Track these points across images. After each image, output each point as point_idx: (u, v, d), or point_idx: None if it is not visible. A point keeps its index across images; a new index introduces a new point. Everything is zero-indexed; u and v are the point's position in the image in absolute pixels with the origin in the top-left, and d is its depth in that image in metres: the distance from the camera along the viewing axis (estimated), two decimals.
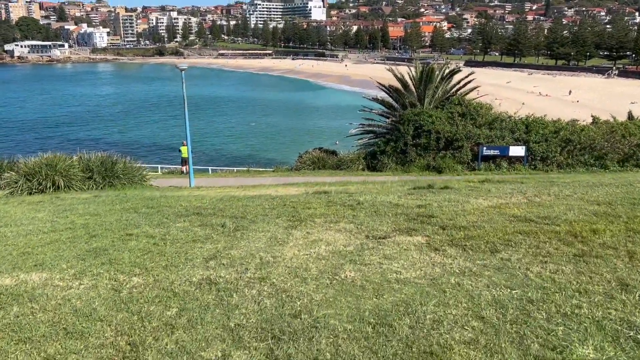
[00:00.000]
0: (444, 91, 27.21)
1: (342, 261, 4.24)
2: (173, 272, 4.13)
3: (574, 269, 3.94)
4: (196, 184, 22.33)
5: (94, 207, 8.04)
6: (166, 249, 4.82)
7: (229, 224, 5.67)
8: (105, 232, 5.66)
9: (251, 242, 4.92)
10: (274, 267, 4.17)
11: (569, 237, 4.65)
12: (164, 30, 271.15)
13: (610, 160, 22.16)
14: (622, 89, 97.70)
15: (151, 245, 4.98)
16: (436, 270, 3.99)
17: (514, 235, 4.77)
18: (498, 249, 4.44)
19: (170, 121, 71.98)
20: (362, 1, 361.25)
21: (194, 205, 7.40)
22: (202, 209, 6.88)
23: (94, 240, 5.25)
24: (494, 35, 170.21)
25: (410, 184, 11.20)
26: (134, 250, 4.83)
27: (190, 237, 5.21)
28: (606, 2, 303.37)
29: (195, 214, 6.45)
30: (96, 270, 4.25)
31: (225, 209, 6.73)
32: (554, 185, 8.43)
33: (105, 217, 6.75)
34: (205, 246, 4.88)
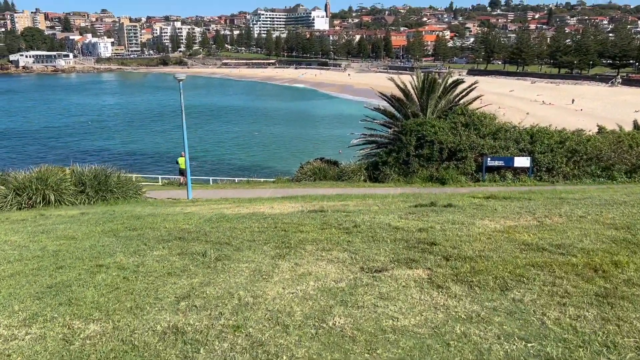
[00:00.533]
0: (447, 101, 26.80)
1: (332, 302, 3.71)
2: (137, 316, 3.62)
3: (597, 314, 3.41)
4: (194, 196, 21.90)
5: (75, 227, 7.59)
6: (136, 285, 4.32)
7: (210, 252, 5.16)
8: (75, 262, 5.17)
9: (231, 277, 4.41)
10: (252, 310, 3.64)
11: (588, 271, 4.13)
12: (167, 40, 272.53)
13: (618, 172, 21.66)
14: (626, 97, 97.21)
15: (121, 279, 4.48)
16: (439, 316, 3.46)
17: (526, 268, 4.24)
18: (509, 287, 3.91)
19: (173, 131, 71.81)
20: (364, 11, 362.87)
21: (179, 227, 6.92)
22: (186, 232, 6.39)
23: (60, 273, 4.76)
24: (497, 44, 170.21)
25: (412, 200, 10.71)
26: (100, 287, 4.32)
27: (165, 269, 4.70)
28: (608, 11, 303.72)
29: (177, 238, 5.96)
30: (50, 314, 3.73)
31: (212, 232, 6.24)
32: (565, 203, 7.92)
33: (82, 241, 6.28)
34: (179, 281, 4.36)
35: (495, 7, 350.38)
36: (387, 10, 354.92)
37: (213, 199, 20.04)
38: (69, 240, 6.32)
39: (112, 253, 5.33)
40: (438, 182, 22.17)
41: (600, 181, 21.23)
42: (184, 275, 4.47)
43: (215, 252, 5.10)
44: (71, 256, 5.38)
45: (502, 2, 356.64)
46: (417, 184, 22.25)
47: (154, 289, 4.16)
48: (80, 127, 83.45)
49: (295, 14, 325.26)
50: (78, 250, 5.67)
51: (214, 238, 5.75)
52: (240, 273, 4.45)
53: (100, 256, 5.27)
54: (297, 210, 9.07)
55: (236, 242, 5.50)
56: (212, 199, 20.11)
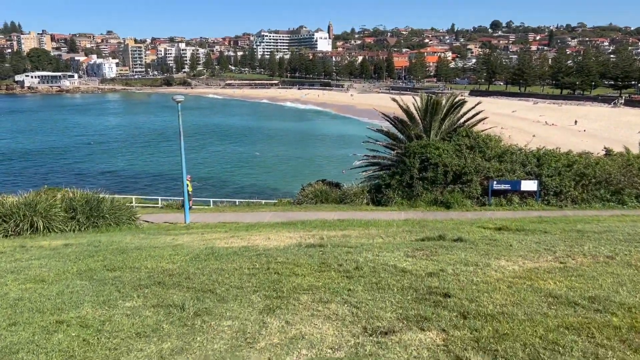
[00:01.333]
0: (450, 122, 26.27)
1: None
2: None
3: None
4: (192, 219, 21.26)
5: (51, 264, 6.95)
6: (95, 353, 3.65)
7: (189, 305, 4.47)
8: (34, 315, 4.49)
9: (210, 340, 3.71)
10: None
11: (634, 336, 3.47)
12: (172, 60, 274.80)
13: (628, 196, 21.01)
14: (629, 118, 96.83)
15: (80, 342, 3.79)
16: None
17: (560, 332, 3.55)
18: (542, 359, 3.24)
19: (176, 151, 71.44)
20: (367, 32, 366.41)
21: (161, 267, 6.26)
22: (168, 274, 5.74)
23: (11, 332, 4.08)
24: (499, 65, 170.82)
25: (417, 229, 10.06)
26: (52, 353, 3.65)
27: (134, 328, 4.02)
28: (609, 33, 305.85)
29: (157, 283, 5.29)
30: None
31: (196, 274, 5.58)
32: (585, 237, 7.26)
33: (51, 285, 5.63)
34: (148, 347, 3.67)
35: (497, 29, 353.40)
36: (389, 31, 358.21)
37: (210, 224, 19.38)
38: (36, 284, 5.66)
39: (79, 303, 4.68)
40: (443, 206, 21.53)
41: (610, 205, 20.58)
42: (155, 337, 3.79)
43: (196, 304, 4.43)
44: (32, 307, 4.72)
45: (503, 24, 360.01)
46: (421, 207, 21.60)
47: (114, 357, 3.50)
48: (82, 147, 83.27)
49: (298, 36, 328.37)
50: (42, 298, 5.01)
51: (197, 283, 5.09)
52: (220, 335, 3.77)
53: (65, 308, 4.60)
54: (294, 242, 8.41)
55: (221, 289, 4.84)
56: (209, 224, 19.45)
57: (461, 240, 7.48)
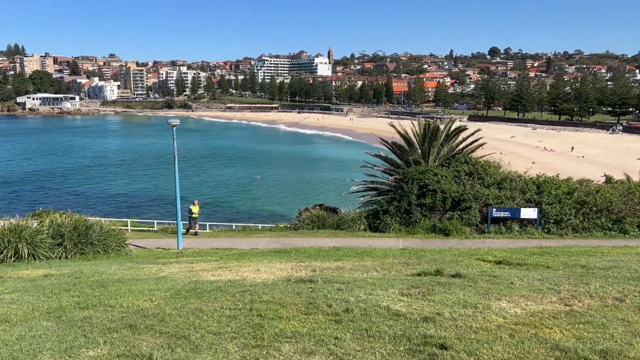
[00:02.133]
0: (449, 148, 26.04)
1: None
2: None
3: None
4: (185, 245, 20.85)
5: (23, 300, 6.53)
6: None
7: (158, 355, 4.03)
8: None
9: None
10: None
11: None
12: (173, 84, 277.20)
13: (630, 225, 20.65)
14: (627, 145, 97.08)
15: None
16: None
17: None
18: None
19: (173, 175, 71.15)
20: (366, 58, 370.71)
21: (137, 305, 5.84)
22: (143, 314, 5.31)
23: None
24: (497, 91, 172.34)
25: (415, 261, 9.66)
26: None
27: None
28: (606, 60, 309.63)
29: (128, 326, 4.86)
30: None
31: (173, 315, 5.16)
32: (590, 275, 6.87)
33: (12, 328, 5.18)
34: None
35: (495, 55, 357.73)
36: (388, 57, 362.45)
37: (202, 251, 18.95)
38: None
39: (38, 352, 4.22)
40: (441, 233, 21.14)
41: (611, 235, 20.23)
42: None
43: (165, 355, 4.01)
44: None
45: (501, 50, 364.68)
46: (419, 234, 21.21)
47: None
48: (82, 169, 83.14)
49: (298, 60, 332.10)
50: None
51: (172, 327, 4.67)
52: None
53: (20, 357, 4.17)
54: (284, 275, 8.01)
55: (197, 335, 4.42)
56: (201, 251, 19.02)
57: (460, 276, 7.08)
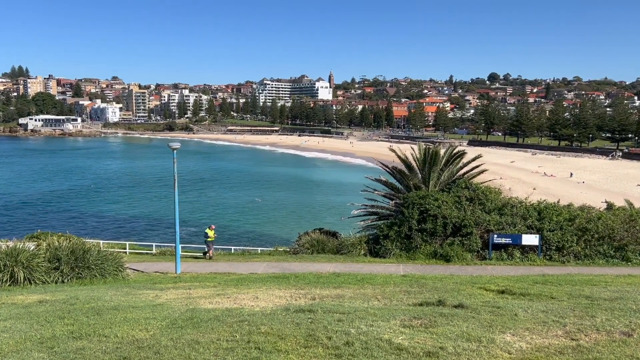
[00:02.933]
0: (449, 173, 26.03)
1: None
2: None
3: None
4: (184, 269, 20.65)
5: (15, 328, 6.37)
6: None
7: None
8: None
9: None
10: None
11: None
12: (175, 106, 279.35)
13: (632, 252, 20.49)
14: (627, 171, 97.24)
15: None
16: None
17: None
18: None
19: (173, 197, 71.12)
20: (367, 82, 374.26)
21: (132, 336, 5.69)
22: (137, 346, 5.17)
23: None
24: (497, 116, 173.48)
25: (416, 289, 9.52)
26: None
27: None
28: (604, 87, 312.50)
29: (122, 358, 4.74)
30: None
31: (168, 347, 5.02)
32: (595, 306, 6.74)
33: (4, 359, 5.06)
34: None
35: (494, 81, 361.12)
36: (388, 82, 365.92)
37: (201, 276, 18.75)
38: None
39: None
40: (442, 259, 20.97)
41: (614, 262, 20.06)
42: None
43: None
44: None
45: (500, 76, 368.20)
46: (420, 260, 21.03)
47: None
48: (83, 190, 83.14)
49: (300, 84, 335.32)
50: None
51: None
52: None
53: None
54: (283, 304, 7.86)
55: None
56: (199, 275, 18.83)
57: (462, 306, 6.95)
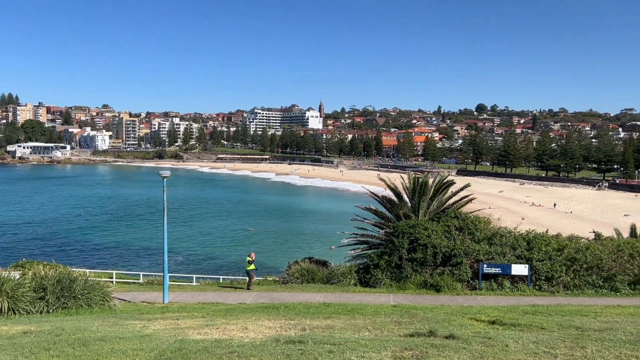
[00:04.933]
0: (439, 202, 26.14)
1: None
2: None
3: None
4: (172, 299, 20.34)
5: None
6: None
7: None
8: None
9: None
10: None
11: None
12: (165, 134, 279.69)
13: (621, 282, 20.58)
14: (614, 201, 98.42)
15: None
16: None
17: None
18: None
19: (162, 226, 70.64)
20: (356, 112, 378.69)
21: None
22: None
23: None
24: (484, 146, 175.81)
25: (407, 320, 9.47)
26: None
27: None
28: (589, 118, 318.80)
29: None
30: None
31: None
32: (585, 337, 6.76)
33: None
34: None
35: (482, 112, 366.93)
36: (378, 112, 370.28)
37: (189, 305, 18.48)
38: None
39: None
40: (432, 289, 20.90)
41: (603, 293, 20.11)
42: None
43: None
44: None
45: (488, 107, 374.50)
46: (410, 290, 20.94)
47: None
48: (71, 219, 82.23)
49: (290, 114, 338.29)
50: None
51: None
52: None
53: None
54: (273, 334, 7.78)
55: None
56: (187, 305, 18.55)
57: (453, 337, 6.92)
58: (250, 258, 23.22)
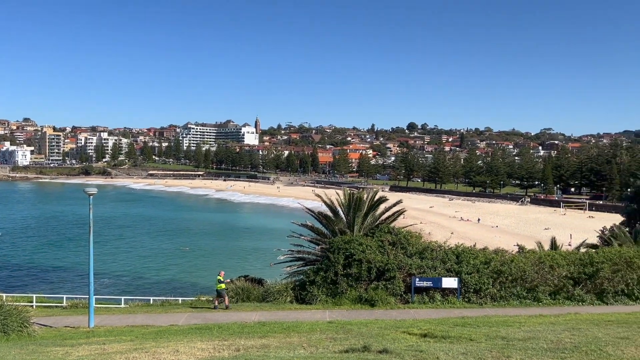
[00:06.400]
0: (373, 218, 26.63)
1: None
2: None
3: None
4: (98, 322, 19.29)
5: None
6: None
7: None
8: None
9: None
10: None
11: None
12: (92, 150, 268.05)
13: (542, 293, 21.68)
14: (535, 216, 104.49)
15: None
16: None
17: None
18: None
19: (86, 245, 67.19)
20: (293, 129, 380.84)
21: None
22: None
23: None
24: (416, 164, 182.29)
25: (342, 336, 9.51)
26: None
27: None
28: (513, 137, 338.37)
29: None
30: None
31: None
32: (510, 346, 7.07)
33: None
34: None
35: (413, 130, 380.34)
36: (314, 129, 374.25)
37: (116, 329, 17.60)
38: None
39: None
40: (367, 304, 21.12)
41: (527, 303, 21.07)
42: None
43: None
44: None
45: (418, 125, 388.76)
46: (345, 305, 21.06)
47: None
48: None
49: (225, 129, 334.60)
50: None
51: None
52: None
53: None
54: (205, 358, 7.56)
55: None
56: (115, 329, 17.65)
57: (387, 351, 7.02)
58: (221, 277, 22.54)
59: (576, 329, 9.18)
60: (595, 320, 12.63)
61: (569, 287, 21.39)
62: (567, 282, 21.48)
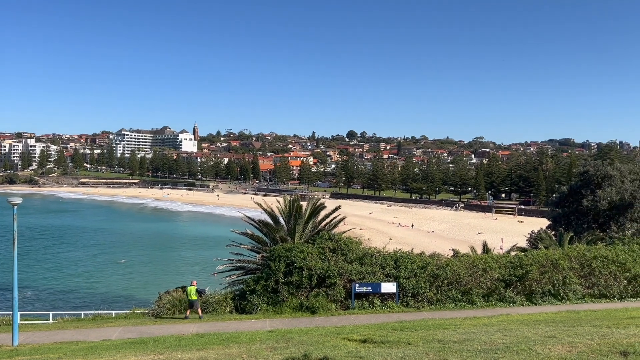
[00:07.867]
0: (313, 225, 26.72)
1: None
2: None
3: None
4: (22, 340, 18.06)
5: None
6: None
7: None
8: None
9: None
10: None
11: None
12: (18, 157, 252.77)
13: (476, 295, 22.42)
14: (469, 221, 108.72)
15: None
16: None
17: None
18: None
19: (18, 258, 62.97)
20: (233, 136, 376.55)
21: None
22: None
23: None
24: (355, 171, 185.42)
25: (282, 345, 9.41)
26: None
27: None
28: (447, 145, 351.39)
29: None
30: None
31: None
32: (447, 349, 7.25)
33: None
34: None
35: (353, 138, 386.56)
36: (254, 136, 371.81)
37: (43, 346, 16.58)
38: None
39: None
40: (308, 311, 21.08)
41: (462, 306, 21.73)
42: None
43: None
44: None
45: (358, 134, 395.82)
46: (286, 314, 20.92)
47: None
48: None
49: (162, 136, 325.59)
50: None
51: None
52: None
53: None
54: None
55: None
56: (41, 347, 16.63)
57: (327, 359, 7.01)
58: (194, 287, 21.67)
59: (508, 329, 9.56)
60: (525, 320, 13.25)
61: (500, 289, 22.26)
62: (499, 285, 22.35)
